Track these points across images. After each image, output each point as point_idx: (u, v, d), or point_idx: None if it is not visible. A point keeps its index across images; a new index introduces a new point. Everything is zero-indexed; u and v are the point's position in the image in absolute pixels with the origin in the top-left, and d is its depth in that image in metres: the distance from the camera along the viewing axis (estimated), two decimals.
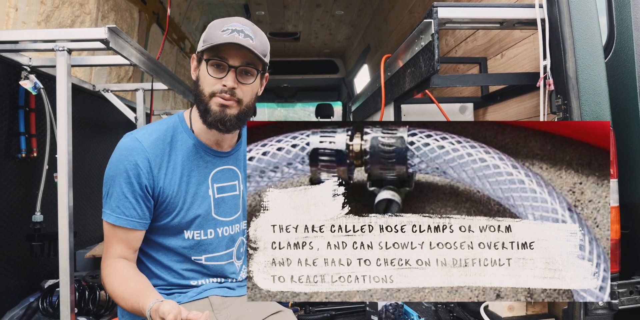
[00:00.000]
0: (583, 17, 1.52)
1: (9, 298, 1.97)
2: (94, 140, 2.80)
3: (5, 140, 1.96)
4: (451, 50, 2.81)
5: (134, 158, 1.25)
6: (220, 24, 1.26)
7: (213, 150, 1.36)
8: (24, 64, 1.98)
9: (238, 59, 1.24)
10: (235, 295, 1.38)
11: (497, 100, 2.22)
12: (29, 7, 2.10)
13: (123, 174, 1.24)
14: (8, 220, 1.96)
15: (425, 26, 1.70)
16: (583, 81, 1.50)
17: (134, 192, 1.25)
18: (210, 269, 1.37)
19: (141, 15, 3.50)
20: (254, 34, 1.25)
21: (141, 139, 1.28)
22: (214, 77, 1.24)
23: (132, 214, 1.25)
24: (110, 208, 1.26)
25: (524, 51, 1.99)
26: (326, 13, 5.10)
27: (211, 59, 1.24)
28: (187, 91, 3.07)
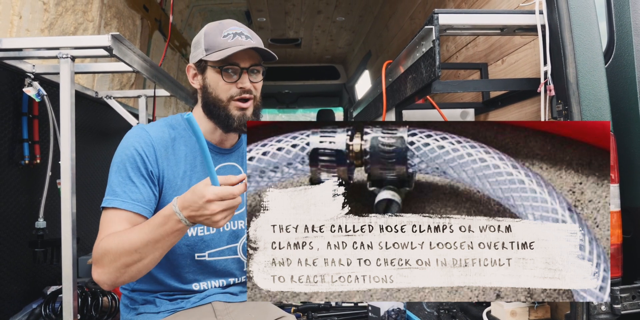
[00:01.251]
0: (583, 23, 1.53)
1: (12, 304, 1.97)
2: (97, 146, 2.81)
3: (8, 147, 1.96)
4: (452, 56, 2.82)
5: (140, 144, 1.26)
6: (218, 30, 1.30)
7: (216, 147, 1.39)
8: (28, 71, 2.00)
9: (247, 61, 1.30)
10: (239, 300, 1.39)
11: (498, 105, 2.23)
12: (33, 14, 2.11)
13: (130, 159, 1.24)
14: (11, 227, 1.96)
15: (426, 32, 1.71)
16: (583, 86, 1.51)
17: (141, 176, 1.24)
18: (213, 266, 1.36)
19: (143, 22, 3.53)
20: (251, 34, 1.33)
21: (148, 129, 1.31)
22: (229, 82, 1.28)
23: (139, 198, 1.22)
24: (114, 193, 1.21)
25: (524, 57, 2.00)
26: (327, 19, 5.13)
27: (225, 66, 1.27)
28: (189, 97, 3.08)
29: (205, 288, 1.37)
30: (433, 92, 1.75)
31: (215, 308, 1.33)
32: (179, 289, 1.34)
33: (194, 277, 1.36)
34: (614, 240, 1.48)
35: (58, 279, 2.22)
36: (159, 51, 3.90)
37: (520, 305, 1.69)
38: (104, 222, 1.20)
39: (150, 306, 1.33)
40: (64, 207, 1.66)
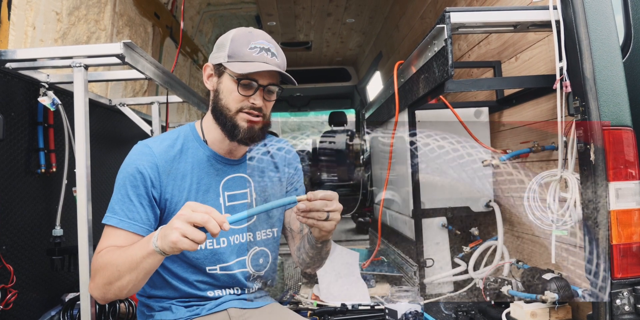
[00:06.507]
0: (599, 17, 1.50)
1: (31, 312, 1.99)
2: (112, 154, 2.84)
3: (25, 156, 1.99)
4: (464, 55, 2.79)
5: (142, 163, 1.27)
6: (246, 39, 1.28)
7: (224, 159, 1.38)
8: (42, 80, 2.02)
9: (267, 79, 1.28)
10: (254, 306, 1.38)
11: (513, 103, 2.20)
12: (46, 25, 2.14)
13: (130, 177, 1.25)
14: (29, 235, 1.98)
15: (438, 31, 1.69)
16: (601, 82, 1.48)
17: (139, 195, 1.25)
18: (224, 280, 1.36)
19: (155, 30, 3.56)
20: (277, 52, 1.30)
21: (151, 145, 1.31)
22: (243, 95, 1.27)
23: (136, 218, 1.24)
24: (112, 211, 1.25)
25: (538, 53, 1.97)
26: (337, 21, 5.12)
27: (243, 79, 1.26)
28: (201, 103, 3.09)
29: (221, 295, 1.37)
30: (446, 91, 1.73)
31: (230, 315, 1.32)
32: (195, 296, 1.34)
33: (207, 287, 1.36)
34: (635, 239, 1.44)
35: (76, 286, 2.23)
36: (170, 58, 3.92)
37: (540, 306, 1.65)
38: (102, 238, 1.25)
39: (166, 313, 1.33)
40: (80, 214, 1.68)
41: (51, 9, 2.16)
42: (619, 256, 1.42)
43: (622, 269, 1.42)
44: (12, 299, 1.76)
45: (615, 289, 1.41)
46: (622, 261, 1.42)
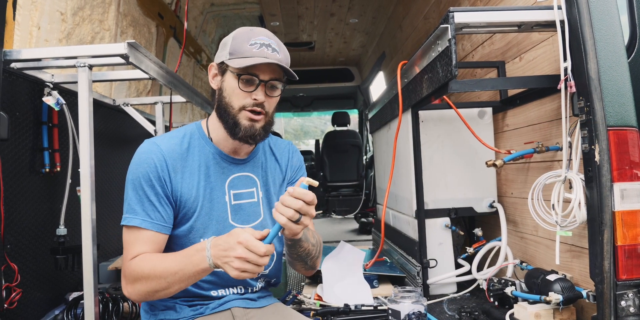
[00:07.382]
0: (604, 17, 1.49)
1: (35, 311, 2.00)
2: (115, 153, 2.85)
3: (29, 156, 2.00)
4: (468, 55, 2.79)
5: (152, 161, 1.27)
6: (247, 36, 1.28)
7: (230, 157, 1.38)
8: (47, 80, 2.03)
9: (268, 74, 1.27)
10: (258, 306, 1.38)
11: (517, 104, 2.19)
12: (51, 25, 2.15)
13: (145, 177, 1.26)
14: (33, 234, 1.99)
15: (442, 31, 1.69)
16: (606, 82, 1.47)
17: (157, 194, 1.26)
18: (228, 278, 1.36)
19: (159, 30, 3.57)
20: (279, 48, 1.29)
21: (159, 143, 1.31)
22: (245, 91, 1.26)
23: (157, 217, 1.25)
24: (133, 212, 1.25)
25: (543, 53, 1.96)
26: (340, 22, 5.12)
27: (243, 75, 1.25)
28: (204, 103, 3.10)
29: (224, 294, 1.37)
30: (450, 91, 1.73)
31: (234, 314, 1.32)
32: (199, 295, 1.34)
33: (210, 286, 1.36)
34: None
35: (79, 285, 2.25)
36: (174, 58, 3.94)
37: (544, 307, 1.64)
38: (128, 241, 1.25)
39: (170, 312, 1.33)
40: (84, 214, 1.68)
41: (56, 9, 2.17)
42: (623, 257, 1.41)
43: (627, 270, 1.41)
44: (17, 298, 1.77)
45: (620, 290, 1.41)
46: (627, 262, 1.41)
